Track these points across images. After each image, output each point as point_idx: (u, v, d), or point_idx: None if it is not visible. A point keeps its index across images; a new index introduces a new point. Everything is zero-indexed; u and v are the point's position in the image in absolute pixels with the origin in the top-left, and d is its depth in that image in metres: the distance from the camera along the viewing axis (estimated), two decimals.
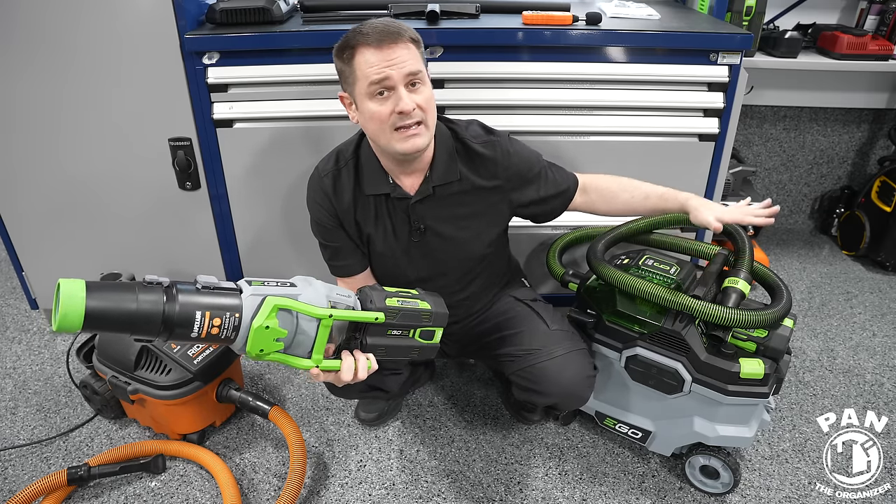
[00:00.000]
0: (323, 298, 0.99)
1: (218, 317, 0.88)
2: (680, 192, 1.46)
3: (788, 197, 2.89)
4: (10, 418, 1.78)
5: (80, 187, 1.82)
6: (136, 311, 0.83)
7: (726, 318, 1.31)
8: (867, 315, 2.28)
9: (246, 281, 0.94)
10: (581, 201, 1.49)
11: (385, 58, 1.17)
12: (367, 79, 1.19)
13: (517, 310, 1.55)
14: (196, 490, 1.57)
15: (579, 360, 1.44)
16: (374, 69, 1.18)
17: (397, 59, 1.18)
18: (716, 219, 1.35)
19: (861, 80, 2.53)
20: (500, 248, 1.54)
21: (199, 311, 0.87)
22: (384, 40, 1.17)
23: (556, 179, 1.45)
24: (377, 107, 1.21)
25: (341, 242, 1.42)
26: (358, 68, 1.20)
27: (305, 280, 1.01)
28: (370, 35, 1.18)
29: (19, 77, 1.65)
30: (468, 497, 1.56)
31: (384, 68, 1.18)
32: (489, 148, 1.37)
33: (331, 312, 0.97)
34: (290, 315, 0.95)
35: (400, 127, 1.22)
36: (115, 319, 0.82)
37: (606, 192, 1.48)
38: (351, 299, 1.05)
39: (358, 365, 1.04)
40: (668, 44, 1.69)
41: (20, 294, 2.23)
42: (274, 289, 0.95)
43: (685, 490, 1.58)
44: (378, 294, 1.07)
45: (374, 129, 1.25)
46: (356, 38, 1.19)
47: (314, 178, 1.40)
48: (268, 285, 0.95)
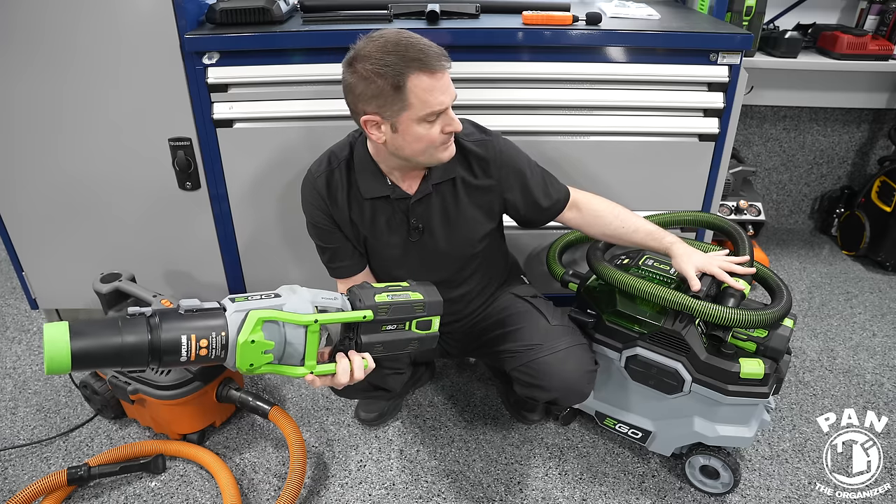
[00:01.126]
0: (308, 305, 0.98)
1: (204, 338, 0.88)
2: (667, 234, 1.46)
3: (788, 197, 2.89)
4: (10, 418, 1.78)
5: (80, 187, 1.82)
6: (122, 345, 0.84)
7: (726, 318, 1.31)
8: (867, 315, 2.29)
9: (230, 298, 0.94)
10: (571, 217, 1.48)
11: (441, 84, 1.17)
12: (429, 108, 1.17)
13: (517, 306, 1.55)
14: (196, 490, 1.57)
15: (580, 354, 1.44)
16: (434, 98, 1.17)
17: (449, 85, 1.20)
18: (697, 269, 1.37)
19: (861, 80, 2.53)
20: (495, 244, 1.55)
21: (185, 335, 0.87)
22: (439, 68, 1.17)
23: (548, 188, 1.44)
24: (428, 130, 1.21)
25: (338, 244, 1.42)
26: (412, 94, 1.16)
27: (290, 289, 1.00)
28: (426, 63, 1.15)
29: (19, 77, 1.65)
30: (468, 497, 1.56)
31: (441, 97, 1.18)
32: (482, 147, 1.37)
33: (316, 318, 0.96)
34: (277, 326, 0.94)
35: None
36: (103, 356, 0.83)
37: (598, 216, 1.47)
38: (338, 301, 1.03)
39: (353, 366, 1.03)
40: (668, 44, 1.69)
41: (20, 294, 2.23)
42: (257, 302, 0.94)
43: (685, 490, 1.58)
44: (366, 292, 1.05)
45: (418, 149, 1.24)
46: (411, 65, 1.14)
47: (307, 180, 1.40)
48: (251, 300, 0.94)
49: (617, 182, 1.81)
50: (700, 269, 1.38)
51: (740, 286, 1.37)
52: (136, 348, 0.84)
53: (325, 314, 0.99)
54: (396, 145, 1.24)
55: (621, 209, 1.48)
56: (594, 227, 1.49)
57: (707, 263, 1.39)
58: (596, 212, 1.48)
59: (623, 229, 1.46)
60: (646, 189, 1.85)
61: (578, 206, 1.48)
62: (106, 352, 0.83)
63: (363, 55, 1.17)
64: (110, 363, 0.85)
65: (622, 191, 1.77)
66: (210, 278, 2.00)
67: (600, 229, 1.49)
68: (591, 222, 1.48)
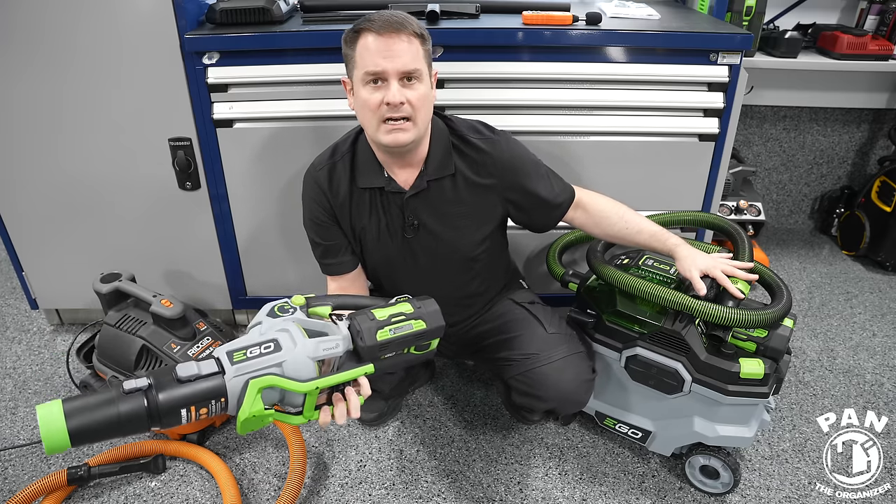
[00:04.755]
0: (309, 363, 0.94)
1: (204, 406, 0.87)
2: (671, 236, 1.44)
3: (788, 197, 2.89)
4: (10, 418, 1.78)
5: (80, 187, 1.82)
6: (119, 419, 0.83)
7: (726, 318, 1.31)
8: (867, 315, 2.28)
9: (227, 354, 0.90)
10: (574, 217, 1.47)
11: (384, 47, 1.19)
12: (364, 67, 1.21)
13: (515, 313, 1.55)
14: (196, 490, 1.57)
15: (578, 363, 1.44)
16: (372, 59, 1.19)
17: (395, 52, 1.19)
18: (700, 272, 1.36)
19: (861, 80, 2.53)
20: (496, 248, 1.52)
21: (184, 407, 0.86)
22: (386, 29, 1.19)
23: (554, 189, 1.42)
24: (368, 95, 1.23)
25: (335, 240, 1.42)
26: (358, 54, 1.22)
27: (289, 335, 0.95)
28: (375, 23, 1.20)
29: (19, 77, 1.65)
30: (468, 497, 1.56)
31: (380, 59, 1.19)
32: (488, 144, 1.36)
33: (317, 385, 0.94)
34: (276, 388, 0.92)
35: (388, 119, 1.23)
36: (102, 431, 0.83)
37: (602, 216, 1.46)
38: (340, 347, 0.99)
39: (350, 406, 1.00)
40: (668, 44, 1.69)
41: (20, 294, 2.23)
42: (256, 361, 0.90)
43: (685, 490, 1.58)
44: (368, 327, 1.00)
45: (364, 118, 1.27)
46: (363, 23, 1.21)
47: (309, 172, 1.40)
48: (250, 357, 0.91)
49: (617, 182, 1.81)
50: (703, 272, 1.37)
51: (740, 295, 1.36)
52: (134, 421, 0.84)
53: (326, 379, 0.95)
54: (358, 115, 1.29)
55: (626, 209, 1.47)
56: (598, 227, 1.48)
57: (711, 267, 1.38)
58: (601, 212, 1.46)
59: (627, 230, 1.45)
60: (646, 189, 1.85)
61: (584, 207, 1.46)
62: (105, 427, 0.83)
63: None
64: (110, 436, 0.85)
65: (622, 191, 1.76)
66: (210, 278, 2.00)
67: (604, 230, 1.48)
68: (596, 223, 1.47)
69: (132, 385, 0.84)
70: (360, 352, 1.00)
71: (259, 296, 2.04)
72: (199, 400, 0.87)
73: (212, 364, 0.89)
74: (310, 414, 0.97)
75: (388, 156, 1.33)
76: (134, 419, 0.84)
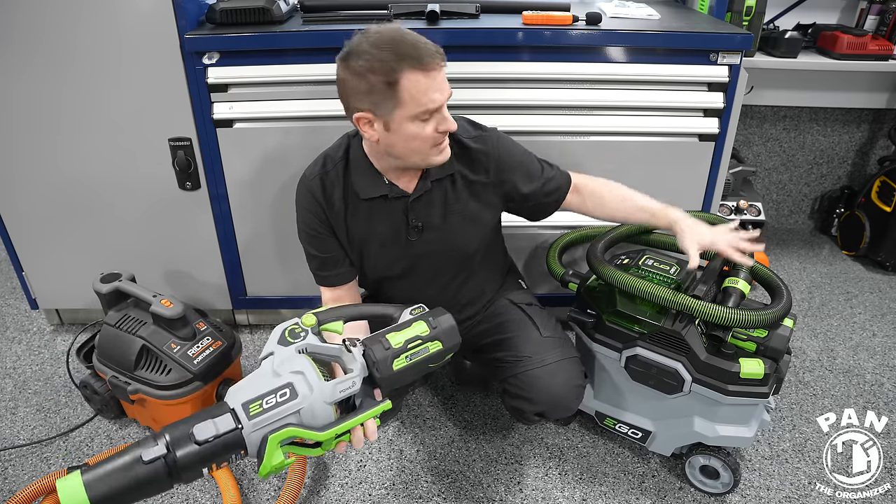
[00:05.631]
0: (327, 408, 0.93)
1: (224, 461, 0.88)
2: (671, 210, 1.42)
3: (788, 197, 2.89)
4: (10, 418, 1.78)
5: (80, 187, 1.82)
6: (140, 485, 0.84)
7: (726, 318, 1.31)
8: (867, 315, 2.29)
9: (243, 407, 0.89)
10: (572, 200, 1.48)
11: (434, 81, 1.16)
12: (420, 106, 1.15)
13: (511, 314, 1.55)
14: (196, 490, 1.57)
15: (570, 368, 1.43)
16: (428, 97, 1.15)
17: (442, 82, 1.18)
18: (700, 246, 1.33)
19: (861, 80, 2.53)
20: (494, 244, 1.54)
21: (205, 467, 0.87)
22: (430, 65, 1.14)
23: (549, 176, 1.44)
24: (421, 129, 1.19)
25: (332, 252, 1.41)
26: (406, 93, 1.14)
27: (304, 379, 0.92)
28: (413, 59, 1.13)
29: (19, 77, 1.65)
30: (468, 497, 1.56)
31: (436, 95, 1.16)
32: (480, 142, 1.37)
33: (336, 432, 0.93)
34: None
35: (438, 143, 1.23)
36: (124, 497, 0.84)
37: (598, 196, 1.47)
38: (356, 386, 0.96)
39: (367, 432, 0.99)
40: (668, 44, 1.69)
41: (20, 294, 2.23)
42: (274, 413, 0.89)
43: (685, 490, 1.58)
44: (384, 357, 0.98)
45: (409, 148, 1.23)
46: (397, 61, 1.12)
47: (302, 183, 1.38)
48: (266, 407, 0.89)
49: (617, 182, 1.80)
50: (705, 247, 1.34)
51: (748, 262, 1.35)
52: (156, 484, 0.85)
53: (343, 425, 0.94)
54: (389, 143, 1.22)
55: (621, 187, 1.48)
56: (597, 209, 1.48)
57: (713, 241, 1.34)
58: (597, 193, 1.47)
59: (625, 207, 1.46)
60: (646, 189, 1.82)
61: (579, 190, 1.47)
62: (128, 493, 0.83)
63: (357, 51, 1.15)
64: (133, 499, 0.85)
65: None
66: (210, 278, 2.00)
67: (604, 210, 1.48)
68: (594, 204, 1.48)
69: (151, 455, 0.84)
70: (376, 382, 1.00)
71: (259, 296, 2.04)
72: (218, 457, 0.87)
73: (228, 420, 0.88)
74: (328, 446, 0.97)
75: (396, 167, 1.32)
76: (154, 483, 0.84)
